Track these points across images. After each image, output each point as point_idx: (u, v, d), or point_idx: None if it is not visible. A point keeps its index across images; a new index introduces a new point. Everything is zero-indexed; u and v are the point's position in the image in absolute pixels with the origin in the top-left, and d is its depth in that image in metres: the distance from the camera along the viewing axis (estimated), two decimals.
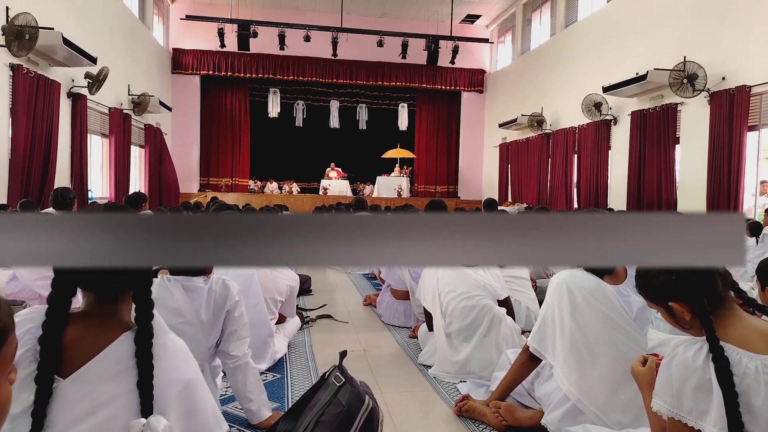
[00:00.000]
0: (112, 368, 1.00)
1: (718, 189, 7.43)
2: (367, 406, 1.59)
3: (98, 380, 1.00)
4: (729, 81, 7.31)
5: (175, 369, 1.03)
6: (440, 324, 2.77)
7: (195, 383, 1.07)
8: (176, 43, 14.49)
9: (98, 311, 1.08)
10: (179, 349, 1.08)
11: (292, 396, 2.45)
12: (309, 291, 4.91)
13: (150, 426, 0.94)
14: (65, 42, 7.14)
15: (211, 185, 15.16)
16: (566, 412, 1.90)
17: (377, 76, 15.42)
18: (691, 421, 1.19)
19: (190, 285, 1.83)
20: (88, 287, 1.08)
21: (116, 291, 1.09)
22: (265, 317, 2.73)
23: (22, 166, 7.09)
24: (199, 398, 1.07)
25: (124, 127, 10.44)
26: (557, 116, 11.91)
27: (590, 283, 1.94)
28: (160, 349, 1.02)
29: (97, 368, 1.00)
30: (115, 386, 0.99)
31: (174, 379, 1.02)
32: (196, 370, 1.09)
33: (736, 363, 1.17)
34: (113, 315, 1.08)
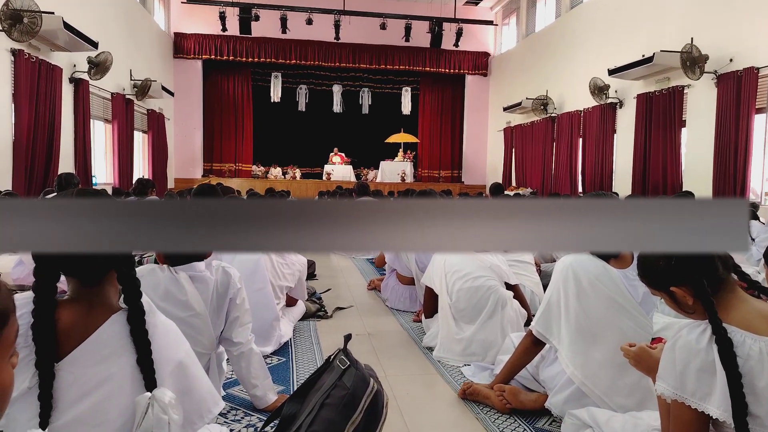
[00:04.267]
0: (105, 349, 1.02)
1: (724, 172, 7.37)
2: (372, 389, 1.61)
3: (92, 362, 1.01)
4: (736, 63, 7.20)
5: (167, 348, 1.05)
6: (446, 303, 2.78)
7: (188, 361, 1.09)
8: (178, 28, 14.38)
9: (85, 296, 1.08)
10: (169, 329, 1.10)
11: (297, 379, 2.48)
12: (314, 275, 4.93)
13: (156, 398, 0.96)
14: (66, 26, 7.09)
15: (215, 171, 15.16)
16: (570, 395, 1.91)
17: (380, 60, 15.28)
18: (695, 403, 1.19)
19: (196, 275, 1.83)
20: (70, 273, 1.09)
21: (99, 274, 1.09)
22: (270, 301, 2.75)
23: (25, 152, 7.09)
24: (192, 376, 1.08)
25: (127, 113, 10.41)
26: (562, 99, 11.80)
27: (596, 268, 1.93)
28: (151, 329, 1.04)
29: (89, 350, 1.01)
30: (109, 366, 1.01)
31: (166, 358, 1.04)
32: (187, 349, 1.11)
33: (739, 344, 1.17)
34: (100, 298, 1.09)
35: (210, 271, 1.90)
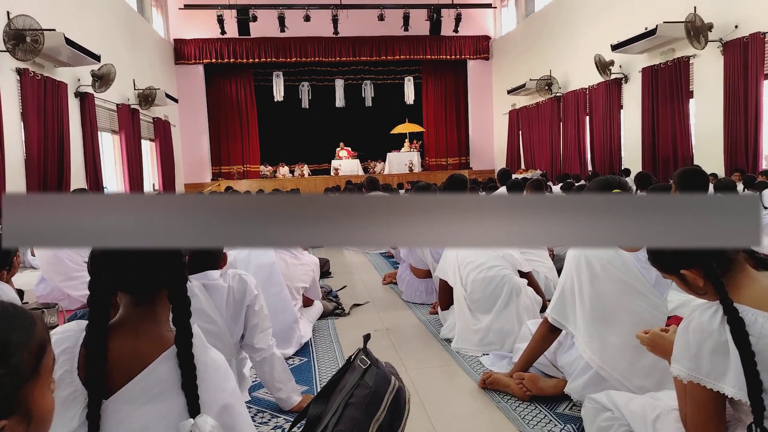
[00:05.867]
0: (155, 389, 1.00)
1: (735, 141, 7.27)
2: (394, 386, 1.64)
3: (141, 401, 0.99)
4: (742, 29, 7.08)
5: (214, 390, 1.04)
6: (461, 294, 2.81)
7: (233, 401, 1.08)
8: (177, 34, 14.44)
9: (135, 316, 1.08)
10: (219, 366, 1.08)
11: (319, 378, 2.53)
12: (329, 273, 4.98)
13: (198, 426, 0.96)
14: (68, 42, 7.17)
15: (223, 174, 15.27)
16: (589, 379, 1.93)
17: (380, 51, 15.22)
18: (710, 383, 1.21)
19: (210, 284, 1.87)
20: (124, 288, 1.09)
21: (152, 289, 1.08)
22: (288, 304, 2.80)
23: (37, 168, 7.21)
24: (237, 415, 1.08)
25: (133, 122, 10.52)
26: (566, 78, 11.68)
27: (608, 252, 1.95)
28: (201, 369, 1.02)
29: (139, 388, 1.00)
30: (157, 406, 0.99)
31: (214, 400, 1.03)
32: (234, 386, 1.10)
33: (751, 323, 1.19)
34: (151, 319, 1.08)
35: (224, 279, 1.95)
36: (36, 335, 0.71)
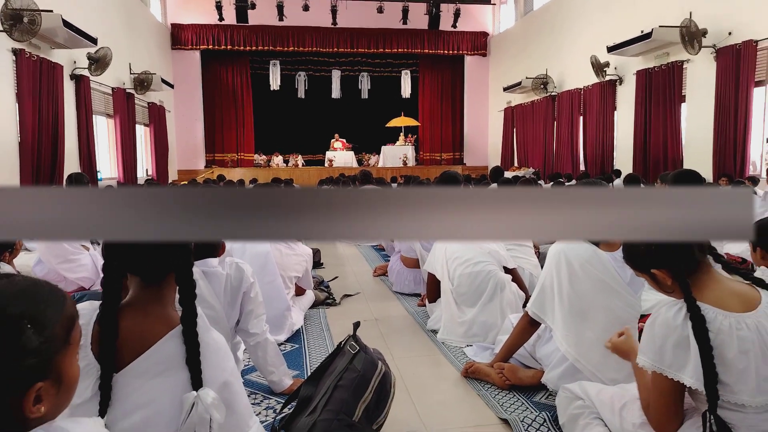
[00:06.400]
0: (162, 365, 1.08)
1: (724, 146, 7.42)
2: (380, 371, 1.74)
3: (149, 375, 1.08)
4: (735, 36, 7.20)
5: (216, 368, 1.12)
6: (448, 288, 2.91)
7: (232, 379, 1.16)
8: (174, 19, 14.35)
9: (144, 298, 1.16)
10: (220, 346, 1.16)
11: (310, 363, 2.62)
12: (320, 264, 5.06)
13: (200, 398, 1.05)
14: (65, 23, 7.15)
15: (217, 161, 15.25)
16: (565, 370, 2.04)
17: (378, 44, 15.22)
18: (672, 374, 1.32)
19: (209, 271, 1.94)
20: (134, 271, 1.17)
21: (160, 273, 1.17)
22: (281, 292, 2.89)
23: (31, 151, 7.20)
24: (235, 393, 1.16)
25: (128, 107, 10.49)
26: (562, 78, 11.78)
27: (587, 252, 2.05)
28: (204, 347, 1.10)
29: (147, 363, 1.08)
30: (163, 381, 1.07)
31: (215, 377, 1.11)
32: (233, 366, 1.18)
33: (711, 320, 1.30)
34: (158, 302, 1.17)
35: (222, 267, 2.03)
36: (66, 309, 0.80)
